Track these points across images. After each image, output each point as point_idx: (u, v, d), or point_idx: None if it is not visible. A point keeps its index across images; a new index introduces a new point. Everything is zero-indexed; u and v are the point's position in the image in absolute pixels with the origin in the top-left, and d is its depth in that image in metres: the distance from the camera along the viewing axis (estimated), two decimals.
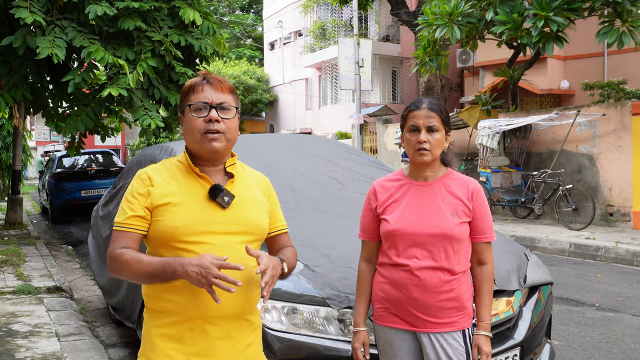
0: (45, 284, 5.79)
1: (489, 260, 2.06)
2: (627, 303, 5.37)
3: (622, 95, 12.97)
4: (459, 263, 2.00)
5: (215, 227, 1.66)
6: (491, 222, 2.08)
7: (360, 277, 2.17)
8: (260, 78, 26.70)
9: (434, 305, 1.98)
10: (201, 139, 1.68)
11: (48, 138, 34.23)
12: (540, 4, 8.88)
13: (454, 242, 1.98)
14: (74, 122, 7.69)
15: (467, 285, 2.04)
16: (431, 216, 2.00)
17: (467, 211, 2.02)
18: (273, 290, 2.54)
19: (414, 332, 2.03)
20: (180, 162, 1.75)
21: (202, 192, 1.69)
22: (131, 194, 1.69)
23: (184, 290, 1.62)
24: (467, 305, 2.02)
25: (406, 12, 15.38)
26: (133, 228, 1.66)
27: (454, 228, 1.97)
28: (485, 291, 2.05)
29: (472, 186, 2.05)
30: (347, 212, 3.36)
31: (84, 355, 3.85)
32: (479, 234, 2.04)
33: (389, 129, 14.79)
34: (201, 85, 1.71)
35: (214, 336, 1.65)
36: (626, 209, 9.31)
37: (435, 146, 2.00)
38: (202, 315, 1.63)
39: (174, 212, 1.65)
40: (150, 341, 1.67)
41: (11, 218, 10.73)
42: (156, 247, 1.69)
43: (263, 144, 4.17)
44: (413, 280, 1.99)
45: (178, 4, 7.86)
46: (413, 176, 2.09)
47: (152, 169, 1.73)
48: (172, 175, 1.71)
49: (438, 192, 2.03)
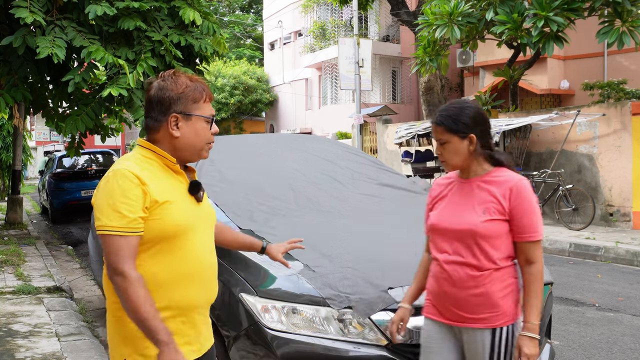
0: (45, 284, 5.79)
1: (536, 259, 2.00)
2: (627, 303, 5.37)
3: (622, 95, 12.97)
4: (489, 260, 2.00)
5: (198, 221, 1.76)
6: (535, 221, 2.00)
7: (419, 264, 2.31)
8: (260, 78, 26.69)
9: (462, 299, 2.02)
10: (203, 147, 1.77)
11: (48, 138, 34.23)
12: (540, 4, 8.87)
13: (480, 239, 2.00)
14: (74, 122, 7.69)
15: (503, 283, 2.01)
16: (462, 213, 2.06)
17: (500, 209, 2.01)
18: (273, 291, 2.55)
19: (450, 325, 2.08)
20: (149, 158, 1.72)
21: (183, 189, 1.76)
22: (124, 195, 1.60)
23: (185, 286, 1.70)
24: (500, 304, 1.99)
25: (406, 12, 15.38)
26: (138, 230, 1.62)
27: (480, 225, 2.00)
28: (532, 291, 2.00)
29: (513, 184, 2.01)
30: (347, 212, 3.36)
31: (84, 355, 3.85)
32: (520, 233, 2.01)
33: (389, 129, 14.78)
34: (208, 96, 1.78)
35: (200, 324, 1.78)
36: (626, 209, 9.30)
37: (449, 156, 2.07)
38: (192, 307, 1.73)
39: (173, 210, 1.67)
40: (141, 339, 1.64)
41: (11, 218, 10.73)
42: (149, 246, 1.66)
43: (263, 144, 4.17)
44: (443, 274, 2.06)
45: (178, 4, 7.86)
46: (459, 174, 2.17)
47: (133, 166, 1.66)
48: (154, 173, 1.70)
49: (475, 189, 2.07)
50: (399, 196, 3.79)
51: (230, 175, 3.52)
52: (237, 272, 2.64)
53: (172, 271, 1.68)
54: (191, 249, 1.71)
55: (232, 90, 25.52)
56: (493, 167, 2.09)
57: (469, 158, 2.06)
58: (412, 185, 4.05)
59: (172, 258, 1.68)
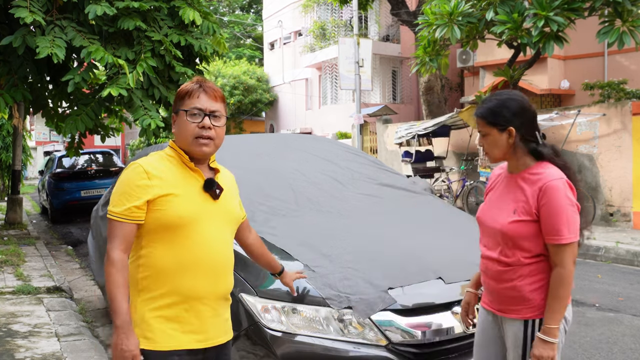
0: (45, 284, 5.78)
1: (559, 262, 1.94)
2: (628, 303, 5.36)
3: (622, 95, 12.96)
4: (516, 258, 2.01)
5: (209, 216, 1.85)
6: (561, 223, 1.92)
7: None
8: (260, 78, 26.68)
9: (497, 291, 2.09)
10: (192, 142, 1.84)
11: (48, 138, 34.21)
12: (540, 4, 8.87)
13: (507, 238, 2.01)
14: (73, 122, 7.68)
15: (533, 278, 2.00)
16: (497, 210, 2.09)
17: (528, 209, 1.97)
18: (273, 291, 2.55)
19: (495, 314, 2.14)
20: (171, 156, 1.88)
21: (197, 185, 1.86)
22: (128, 186, 1.78)
23: (190, 276, 1.80)
24: (529, 297, 2.00)
25: (406, 12, 15.37)
26: (133, 219, 1.77)
27: (507, 226, 2.01)
28: (553, 294, 1.95)
29: (543, 184, 1.95)
30: (347, 212, 3.35)
31: (83, 355, 3.85)
32: (546, 234, 1.95)
33: (389, 129, 14.78)
34: (197, 92, 1.85)
35: (206, 315, 1.84)
36: (626, 209, 9.30)
37: (490, 149, 2.07)
38: (197, 296, 1.82)
39: (176, 202, 1.79)
40: (145, 323, 1.78)
41: (11, 218, 10.72)
42: (154, 235, 1.80)
43: (263, 144, 4.16)
44: (482, 266, 2.16)
45: (178, 4, 7.85)
46: (507, 166, 2.16)
47: (145, 162, 1.82)
48: (167, 168, 1.84)
49: (514, 185, 2.06)
50: (399, 196, 3.79)
51: None
52: (237, 272, 2.64)
53: (177, 259, 1.79)
54: (198, 241, 1.81)
55: (232, 90, 25.51)
56: (536, 161, 2.04)
57: (509, 151, 2.04)
58: (412, 185, 4.04)
59: (177, 247, 1.79)
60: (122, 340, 1.69)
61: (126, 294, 1.73)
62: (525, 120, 2.03)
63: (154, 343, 1.77)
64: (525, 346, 2.02)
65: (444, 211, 3.71)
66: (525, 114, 2.04)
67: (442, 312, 2.56)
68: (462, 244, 3.02)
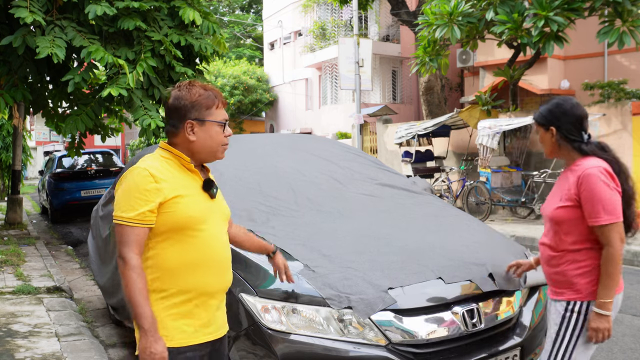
0: (45, 284, 5.78)
1: (606, 242, 2.19)
2: (627, 303, 5.36)
3: (623, 95, 12.97)
4: (562, 243, 2.28)
5: (211, 215, 1.94)
6: (598, 206, 2.18)
7: None
8: (260, 78, 26.69)
9: (548, 275, 2.37)
10: (219, 150, 1.95)
11: (48, 138, 34.23)
12: (540, 4, 8.87)
13: (554, 223, 2.30)
14: (73, 122, 7.68)
15: (578, 264, 2.26)
16: (550, 199, 2.39)
17: (570, 196, 2.25)
18: (273, 291, 2.55)
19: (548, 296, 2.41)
20: (167, 158, 1.92)
21: (197, 185, 1.94)
22: (137, 190, 1.80)
23: (201, 273, 1.87)
24: (574, 282, 2.26)
25: (406, 12, 15.38)
26: (146, 223, 1.81)
27: (552, 212, 2.30)
28: (603, 271, 2.21)
29: (581, 172, 2.23)
30: (347, 212, 3.35)
31: (84, 355, 3.85)
32: (588, 218, 2.21)
33: (389, 129, 14.78)
34: (219, 102, 1.96)
35: (214, 308, 1.95)
36: None
37: (542, 145, 2.42)
38: (208, 292, 1.91)
39: (185, 203, 1.85)
40: (160, 322, 1.82)
41: (11, 218, 10.72)
42: (161, 237, 1.85)
43: (263, 144, 4.16)
44: (540, 251, 2.44)
45: (178, 4, 7.85)
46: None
47: (149, 165, 1.85)
48: (169, 171, 1.89)
49: (564, 178, 2.35)
50: (399, 196, 3.78)
51: (230, 175, 3.52)
52: (237, 272, 2.64)
53: (188, 259, 1.86)
54: (206, 240, 1.89)
55: (232, 90, 25.52)
56: (581, 156, 2.30)
57: (555, 148, 2.36)
58: (412, 185, 4.04)
59: (187, 247, 1.86)
60: (151, 344, 1.73)
61: (148, 298, 1.78)
62: (567, 122, 2.30)
63: (170, 340, 1.82)
64: (561, 324, 2.27)
65: (444, 211, 3.71)
66: (565, 117, 2.30)
67: (442, 312, 2.56)
68: (462, 244, 3.02)
